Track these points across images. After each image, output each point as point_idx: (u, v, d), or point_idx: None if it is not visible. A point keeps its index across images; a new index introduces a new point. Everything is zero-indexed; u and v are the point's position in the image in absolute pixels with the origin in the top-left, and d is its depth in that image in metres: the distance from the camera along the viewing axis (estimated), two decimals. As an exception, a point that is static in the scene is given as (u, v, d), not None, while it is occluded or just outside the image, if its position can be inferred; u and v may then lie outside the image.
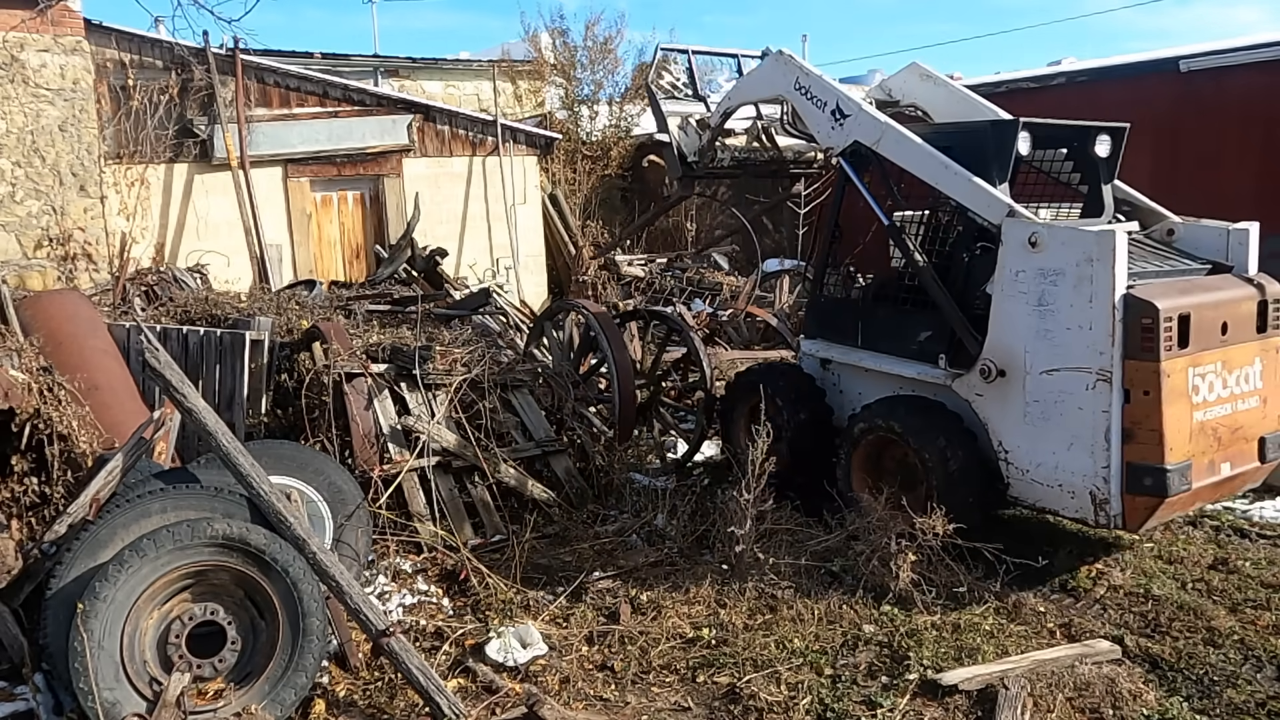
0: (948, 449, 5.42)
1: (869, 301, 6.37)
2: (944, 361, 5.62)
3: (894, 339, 6.07)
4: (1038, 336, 5.16)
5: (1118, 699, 4.02)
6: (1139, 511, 4.94)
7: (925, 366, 5.79)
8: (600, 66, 17.85)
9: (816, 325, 6.78)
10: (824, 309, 6.77)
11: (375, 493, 5.73)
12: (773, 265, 13.17)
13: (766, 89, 6.76)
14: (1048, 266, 5.09)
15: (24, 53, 9.54)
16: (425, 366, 6.49)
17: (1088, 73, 11.23)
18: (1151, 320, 4.79)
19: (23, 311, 6.03)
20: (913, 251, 5.75)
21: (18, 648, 4.18)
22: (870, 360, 6.21)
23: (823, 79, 6.33)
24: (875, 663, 4.43)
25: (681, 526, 5.96)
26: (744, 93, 6.97)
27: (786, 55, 6.53)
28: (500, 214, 13.63)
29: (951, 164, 5.52)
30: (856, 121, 6.04)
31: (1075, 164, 6.06)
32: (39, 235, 9.72)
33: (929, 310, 5.77)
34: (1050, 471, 5.20)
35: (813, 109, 6.32)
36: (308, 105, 12.03)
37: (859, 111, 6.05)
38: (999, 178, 5.51)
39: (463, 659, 4.55)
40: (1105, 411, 4.91)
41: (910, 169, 5.79)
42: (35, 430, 5.07)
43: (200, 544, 3.92)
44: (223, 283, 10.59)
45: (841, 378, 6.61)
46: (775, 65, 6.59)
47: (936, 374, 5.69)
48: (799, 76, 6.38)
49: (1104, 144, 5.86)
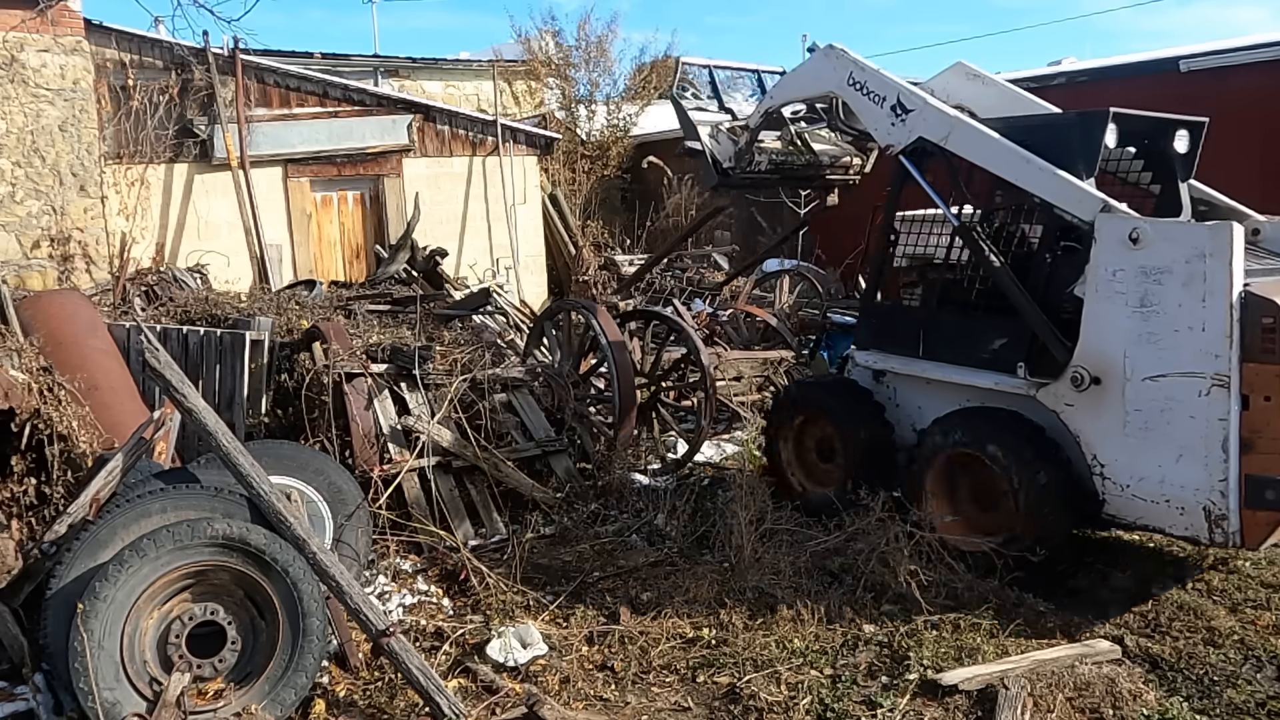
0: (1035, 464, 5.04)
1: (933, 308, 5.93)
2: (1023, 370, 5.27)
3: (962, 348, 5.67)
4: (1139, 340, 4.77)
5: (1118, 699, 4.02)
6: (1259, 528, 4.56)
7: (1001, 376, 5.40)
8: (596, 66, 17.88)
9: (871, 335, 6.33)
10: (879, 317, 6.33)
11: (375, 493, 5.73)
12: (773, 265, 13.15)
13: (814, 86, 6.44)
14: (1151, 264, 4.70)
15: (24, 53, 9.54)
16: (425, 366, 6.49)
17: (1088, 73, 11.23)
18: (1273, 320, 4.41)
19: (23, 311, 6.03)
20: (988, 254, 5.38)
21: (18, 648, 4.18)
22: (936, 371, 5.78)
23: (880, 73, 5.97)
24: (875, 663, 4.43)
25: (681, 526, 5.96)
26: (789, 90, 6.65)
27: (839, 50, 6.15)
28: (500, 214, 13.64)
29: (1034, 159, 5.17)
30: (921, 117, 5.68)
31: (1146, 161, 5.73)
32: (39, 235, 9.72)
33: (1003, 316, 5.41)
34: (1155, 486, 4.78)
35: (869, 105, 5.96)
36: (308, 105, 12.04)
37: (924, 106, 5.70)
38: (1085, 172, 5.16)
39: (463, 659, 4.55)
40: (1221, 420, 4.52)
41: (984, 165, 5.44)
42: (35, 430, 5.08)
43: (200, 544, 3.92)
44: (223, 283, 10.60)
45: (898, 391, 6.17)
46: (825, 60, 6.22)
47: (1015, 384, 5.30)
48: (853, 71, 6.02)
49: (1183, 139, 5.55)
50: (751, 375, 8.39)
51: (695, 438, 7.39)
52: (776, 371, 8.42)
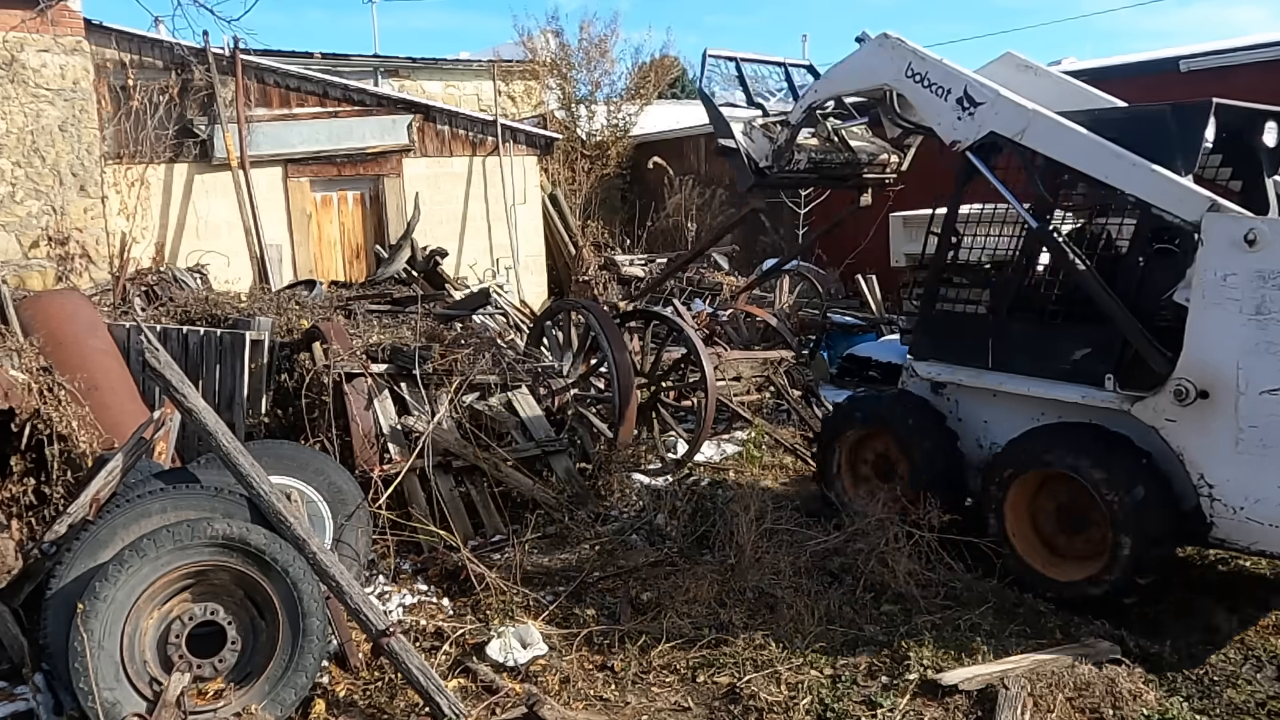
0: (1134, 484, 4.68)
1: (1003, 315, 5.52)
2: (1113, 383, 4.90)
3: (1039, 358, 5.28)
4: (1255, 350, 4.38)
5: (1118, 699, 4.02)
6: None
7: (1087, 389, 5.01)
8: (596, 66, 17.89)
9: (931, 345, 5.91)
10: (941, 326, 5.91)
11: (375, 493, 5.73)
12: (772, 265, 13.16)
13: (866, 79, 5.97)
14: (1270, 268, 4.31)
15: (24, 53, 9.55)
16: (425, 366, 6.49)
17: (1088, 73, 11.20)
18: None
19: (23, 311, 6.03)
20: (1072, 257, 4.98)
21: (18, 648, 4.18)
22: (1010, 383, 5.39)
23: (944, 63, 5.56)
24: (875, 663, 4.43)
25: (681, 526, 5.96)
26: (836, 84, 6.21)
27: (894, 39, 5.73)
28: (500, 214, 13.64)
29: (1128, 154, 4.78)
30: (993, 110, 5.25)
31: (1226, 155, 5.40)
32: (39, 235, 9.73)
33: (1087, 323, 5.05)
34: (1274, 510, 4.40)
35: (931, 98, 5.53)
36: (308, 105, 12.04)
37: (996, 98, 5.27)
38: (1185, 168, 4.78)
39: (463, 659, 4.55)
40: None
41: (1068, 161, 5.03)
42: (35, 430, 5.08)
43: (200, 544, 3.92)
44: (223, 283, 10.61)
45: (960, 404, 5.78)
46: (879, 51, 5.78)
47: (1105, 398, 4.92)
48: (912, 62, 5.59)
49: (1272, 132, 5.20)
50: (751, 375, 8.38)
51: (695, 438, 7.39)
52: (776, 371, 8.42)
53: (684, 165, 16.45)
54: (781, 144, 6.39)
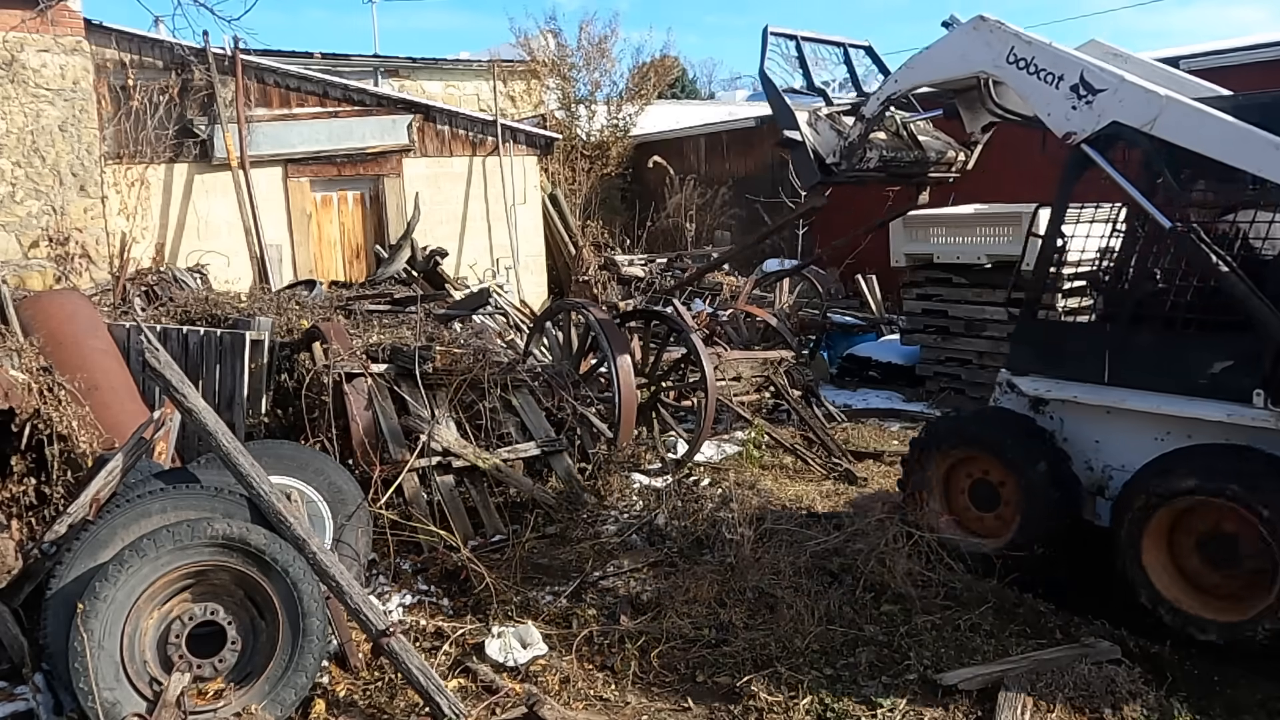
0: None
1: (1123, 324, 5.02)
2: (1263, 399, 4.43)
3: (1166, 371, 4.81)
4: None
5: (1118, 699, 4.02)
6: None
7: (1230, 406, 4.54)
8: (596, 66, 17.89)
9: (1032, 357, 5.44)
10: (1045, 336, 5.45)
11: (375, 493, 5.73)
12: (773, 265, 13.16)
13: (959, 66, 5.46)
14: None
15: (24, 53, 9.55)
16: (425, 366, 6.49)
17: (1088, 73, 11.20)
18: None
19: (23, 311, 6.03)
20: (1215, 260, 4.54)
21: (18, 648, 4.18)
22: (1133, 400, 4.91)
23: (1053, 46, 5.06)
24: (875, 663, 4.42)
25: (681, 526, 5.96)
26: (923, 73, 5.64)
27: (992, 21, 5.24)
28: (500, 214, 13.64)
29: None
30: (1116, 97, 4.73)
31: None
32: (39, 235, 9.73)
33: (1227, 332, 4.60)
34: None
35: (1039, 86, 5.02)
36: (308, 105, 12.04)
37: (1120, 84, 4.74)
38: None
39: (463, 659, 4.55)
40: None
41: (1208, 153, 4.54)
42: (35, 430, 5.08)
43: (200, 544, 3.92)
44: (223, 283, 10.61)
45: (1065, 422, 5.28)
46: (975, 36, 5.29)
47: (1255, 415, 4.44)
48: (1014, 46, 5.10)
49: None
50: (751, 375, 8.38)
51: (695, 438, 7.39)
52: (776, 371, 8.42)
53: (684, 165, 16.44)
54: (854, 139, 5.86)
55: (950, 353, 9.75)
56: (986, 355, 9.43)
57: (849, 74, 6.47)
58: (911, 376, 10.24)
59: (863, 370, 10.88)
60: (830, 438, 7.88)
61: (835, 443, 7.82)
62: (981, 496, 5.50)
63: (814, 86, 6.32)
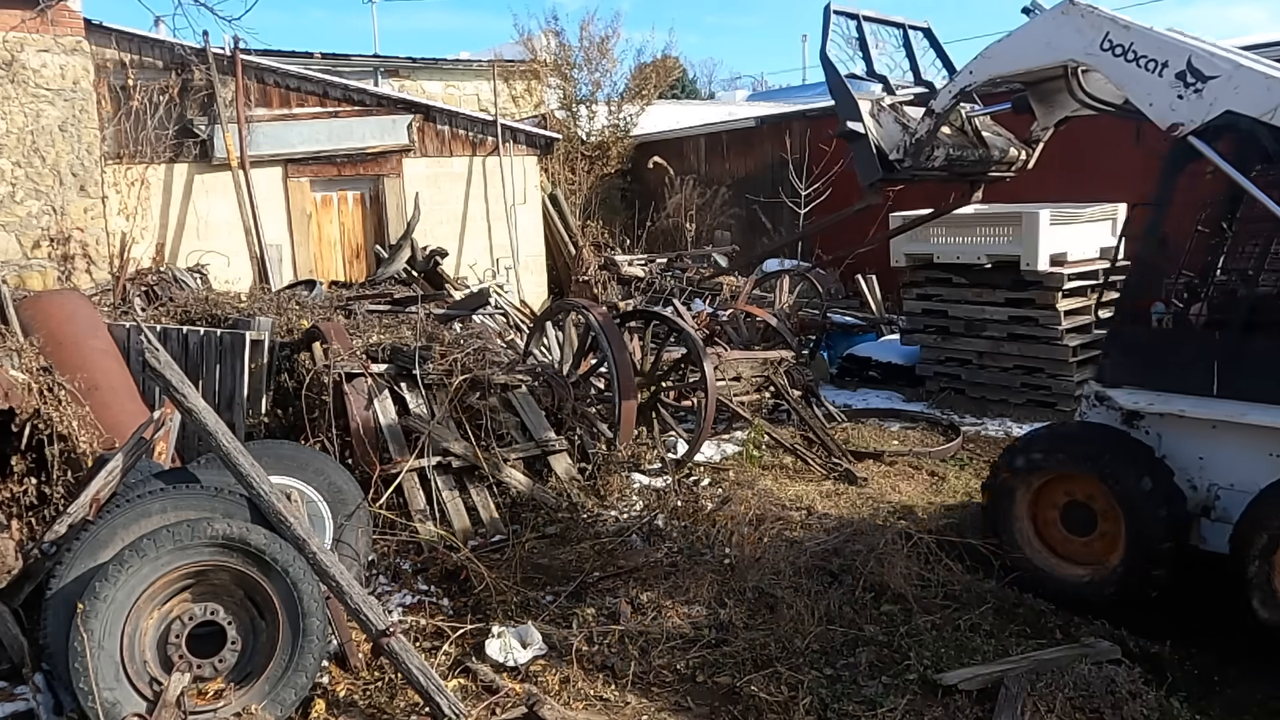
0: None
1: (1236, 330, 4.68)
2: None
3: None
4: None
5: (1118, 699, 4.02)
6: None
7: None
8: (597, 66, 17.88)
9: (1128, 368, 5.11)
10: (1142, 345, 5.12)
11: (375, 493, 5.73)
12: (773, 265, 13.16)
13: (1045, 54, 4.99)
14: None
15: (24, 53, 9.55)
16: (425, 366, 6.49)
17: (1088, 73, 11.19)
18: None
19: (23, 311, 6.03)
20: None
21: (18, 648, 4.18)
22: (1251, 413, 4.58)
23: (1154, 31, 4.63)
24: (875, 663, 4.42)
25: (681, 526, 5.96)
26: (1002, 63, 5.18)
27: (1084, 5, 4.79)
28: (500, 214, 13.64)
29: None
30: (1230, 84, 4.31)
31: None
32: (39, 235, 9.72)
33: None
34: None
35: (1139, 74, 4.60)
36: (308, 105, 12.04)
37: (1235, 70, 4.32)
38: None
39: (463, 659, 4.55)
40: None
41: None
42: (35, 430, 5.08)
43: (200, 544, 3.92)
44: (223, 283, 10.61)
45: (1165, 438, 4.93)
46: (1064, 21, 4.86)
47: None
48: (1109, 32, 4.67)
49: None
50: (751, 375, 8.38)
51: (695, 438, 7.39)
52: (776, 371, 8.42)
53: (684, 165, 16.44)
54: (922, 136, 5.41)
55: (950, 353, 9.75)
56: (986, 355, 9.43)
57: (908, 58, 6.02)
58: (911, 376, 10.24)
59: (863, 370, 10.88)
60: (830, 438, 7.87)
61: (835, 443, 7.81)
62: (1076, 520, 5.09)
63: (874, 72, 5.87)
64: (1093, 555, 5.01)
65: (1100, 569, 4.93)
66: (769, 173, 14.94)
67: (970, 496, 6.78)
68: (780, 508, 6.34)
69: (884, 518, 5.67)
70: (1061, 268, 8.84)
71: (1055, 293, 8.84)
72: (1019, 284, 9.05)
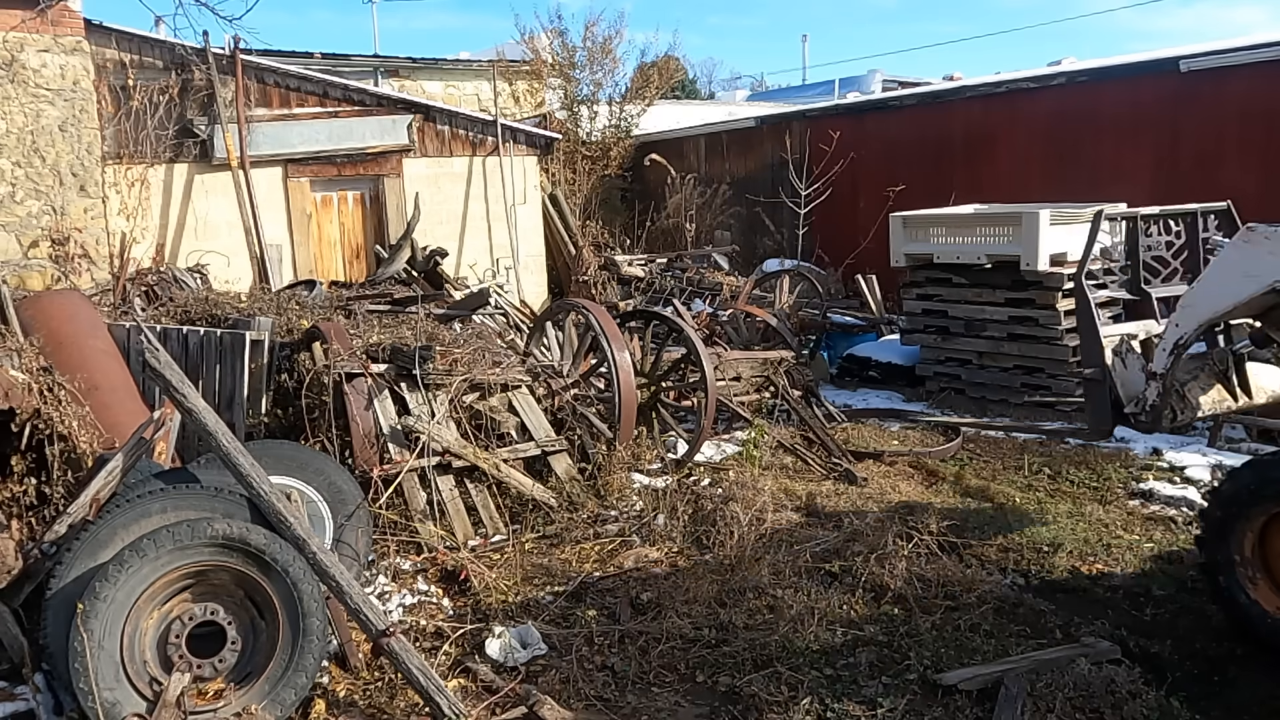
0: None
1: None
2: None
3: None
4: None
5: (1118, 699, 4.02)
6: None
7: None
8: (599, 67, 17.87)
9: None
10: None
11: (375, 493, 5.73)
12: (773, 265, 13.16)
13: (1247, 285, 4.43)
14: None
15: (24, 53, 9.55)
16: (425, 366, 6.49)
17: (1088, 73, 11.22)
18: None
19: (23, 311, 6.04)
20: None
21: (18, 648, 4.19)
22: None
23: None
24: (875, 663, 4.43)
25: (681, 526, 5.96)
26: (1207, 307, 4.63)
27: (1262, 229, 4.39)
28: (500, 214, 13.64)
29: None
30: None
31: None
32: (39, 235, 9.72)
33: None
34: None
35: None
36: (308, 105, 12.04)
37: None
38: None
39: (463, 659, 4.55)
40: None
41: None
42: (35, 430, 5.08)
43: (200, 544, 3.92)
44: (223, 283, 10.61)
45: None
46: (1249, 250, 4.41)
47: None
48: None
49: None
50: (751, 375, 8.39)
51: (695, 438, 7.39)
52: (776, 371, 8.42)
53: (684, 165, 16.44)
54: (1155, 400, 4.83)
55: (950, 353, 9.75)
56: (986, 355, 9.43)
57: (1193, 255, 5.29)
58: (911, 376, 10.24)
59: (863, 370, 10.88)
60: (830, 438, 7.87)
61: (835, 443, 7.81)
62: None
63: (1140, 269, 5.28)
64: None
65: None
66: (769, 172, 14.94)
67: (970, 496, 6.78)
68: (780, 508, 6.34)
69: (884, 518, 5.66)
70: (1061, 268, 8.83)
71: (1055, 293, 8.84)
72: (1019, 284, 9.06)
